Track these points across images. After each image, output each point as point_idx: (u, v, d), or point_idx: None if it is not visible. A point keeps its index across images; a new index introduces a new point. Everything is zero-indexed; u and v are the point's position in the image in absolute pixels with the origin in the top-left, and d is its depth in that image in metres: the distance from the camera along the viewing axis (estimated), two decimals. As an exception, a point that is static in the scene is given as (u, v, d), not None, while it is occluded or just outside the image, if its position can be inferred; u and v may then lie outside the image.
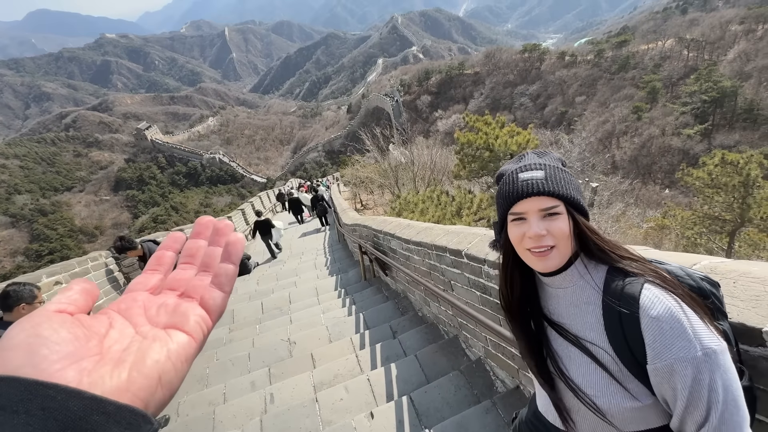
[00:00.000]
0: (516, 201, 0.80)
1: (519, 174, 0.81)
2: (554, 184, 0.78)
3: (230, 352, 4.02)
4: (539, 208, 0.78)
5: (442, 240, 2.79)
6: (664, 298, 0.69)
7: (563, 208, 0.78)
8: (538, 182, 0.78)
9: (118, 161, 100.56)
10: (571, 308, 0.82)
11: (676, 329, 0.66)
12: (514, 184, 0.81)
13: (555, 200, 0.77)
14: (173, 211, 79.22)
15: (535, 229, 0.77)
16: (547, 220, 0.78)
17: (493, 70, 79.62)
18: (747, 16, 55.55)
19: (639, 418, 0.74)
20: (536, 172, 0.80)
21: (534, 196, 0.78)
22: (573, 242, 0.79)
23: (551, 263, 0.79)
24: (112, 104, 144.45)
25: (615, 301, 0.74)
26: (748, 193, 7.34)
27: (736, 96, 42.32)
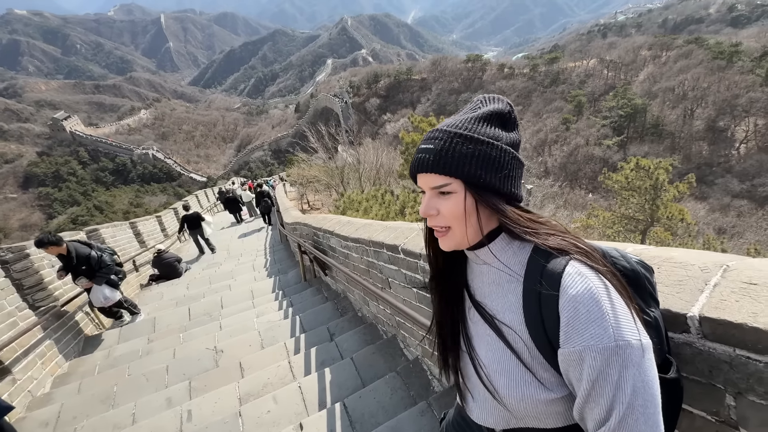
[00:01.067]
0: (414, 175, 0.74)
1: (419, 145, 0.73)
2: (446, 160, 0.68)
3: (146, 366, 3.56)
4: (430, 186, 0.71)
5: (379, 236, 2.67)
6: (588, 277, 0.62)
7: (459, 185, 0.69)
8: (426, 159, 0.70)
9: (29, 154, 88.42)
10: (493, 287, 0.76)
11: (593, 313, 0.59)
12: (416, 153, 0.74)
13: (446, 178, 0.69)
14: (97, 211, 71.35)
15: (422, 208, 0.73)
16: (440, 199, 0.71)
17: (440, 77, 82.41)
18: (654, 43, 63.34)
19: (552, 413, 0.69)
20: (431, 143, 0.71)
21: (425, 173, 0.71)
22: (479, 221, 0.71)
23: (447, 243, 0.74)
24: (22, 90, 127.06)
25: (536, 279, 0.67)
26: (657, 195, 8.30)
27: (646, 113, 47.94)
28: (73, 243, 4.46)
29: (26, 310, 3.91)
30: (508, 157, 0.70)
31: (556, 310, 0.63)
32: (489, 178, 0.69)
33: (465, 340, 0.82)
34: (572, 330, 0.60)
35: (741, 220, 31.73)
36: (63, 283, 4.83)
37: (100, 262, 4.51)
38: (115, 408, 2.98)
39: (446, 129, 0.71)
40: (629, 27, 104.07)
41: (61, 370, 3.96)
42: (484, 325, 0.76)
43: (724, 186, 37.05)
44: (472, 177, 0.68)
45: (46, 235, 4.24)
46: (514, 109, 0.74)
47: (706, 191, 36.19)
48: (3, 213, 73.21)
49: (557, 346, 0.64)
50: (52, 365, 3.91)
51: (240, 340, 3.72)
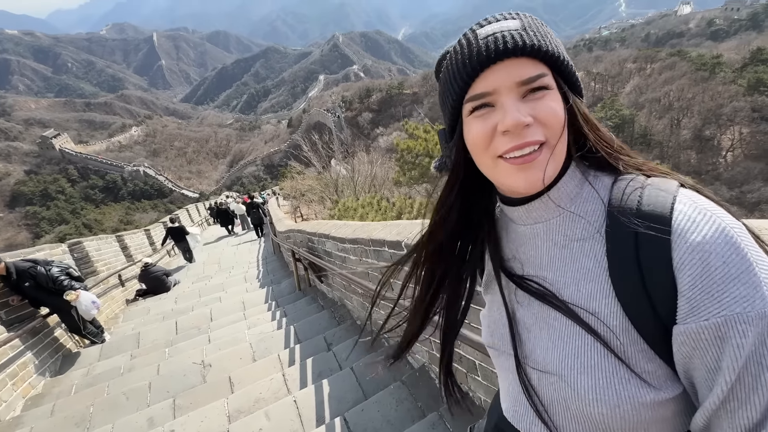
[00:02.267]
0: (477, 72, 0.49)
1: (479, 30, 0.50)
2: (538, 35, 0.48)
3: (127, 384, 3.28)
4: (517, 80, 0.48)
5: (379, 234, 2.49)
6: (713, 209, 0.44)
7: (551, 79, 0.49)
8: (513, 33, 0.48)
9: (17, 173, 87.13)
10: (555, 251, 0.54)
11: (733, 265, 0.40)
12: (470, 45, 0.50)
13: (541, 65, 0.49)
14: (86, 229, 70.05)
15: (513, 115, 0.47)
16: (530, 101, 0.48)
17: (431, 91, 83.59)
18: (638, 56, 65.16)
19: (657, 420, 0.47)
20: (507, 21, 0.50)
21: (508, 59, 0.47)
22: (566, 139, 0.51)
23: (541, 173, 0.49)
24: (11, 108, 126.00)
25: (629, 225, 0.46)
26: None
27: (634, 123, 48.92)
28: (18, 262, 4.10)
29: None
30: None
31: (668, 266, 0.43)
32: (574, 68, 0.52)
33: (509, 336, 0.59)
34: (702, 294, 0.41)
35: (732, 226, 32.19)
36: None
37: (48, 277, 4.09)
38: (90, 431, 2.69)
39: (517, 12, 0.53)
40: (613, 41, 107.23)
41: (34, 391, 3.65)
42: (545, 308, 0.54)
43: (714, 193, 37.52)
44: (565, 65, 0.50)
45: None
46: None
47: (696, 198, 36.75)
48: (-12, 233, 71.61)
49: (671, 322, 0.44)
50: (25, 386, 3.60)
51: (230, 352, 3.46)
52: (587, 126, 0.51)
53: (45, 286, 4.08)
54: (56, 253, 5.41)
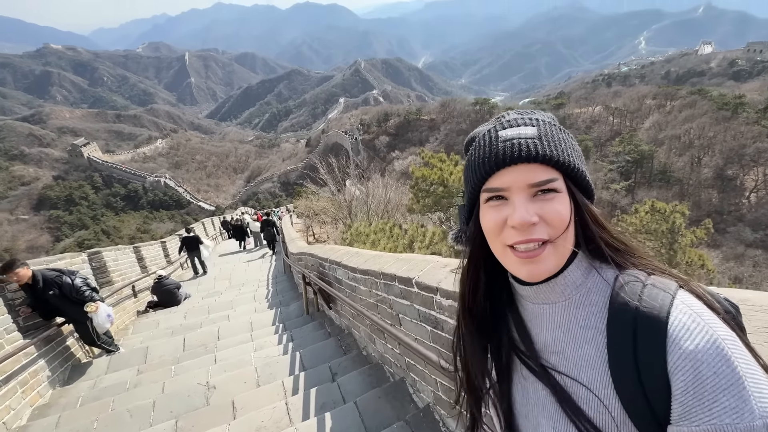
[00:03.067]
0: (494, 170, 0.54)
1: (500, 132, 0.56)
2: (552, 144, 0.53)
3: (132, 400, 3.30)
4: (529, 183, 0.53)
5: (391, 268, 2.51)
6: (709, 323, 0.46)
7: (562, 183, 0.54)
8: (528, 142, 0.53)
9: (45, 178, 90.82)
10: (561, 333, 0.57)
11: (723, 376, 0.43)
12: (491, 145, 0.55)
13: (552, 170, 0.53)
14: (104, 235, 71.84)
15: (521, 214, 0.52)
16: (538, 201, 0.53)
17: (448, 118, 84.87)
18: (658, 93, 65.20)
19: None
20: (526, 128, 0.55)
21: (522, 163, 0.53)
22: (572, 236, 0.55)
23: (543, 267, 0.54)
24: (47, 117, 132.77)
25: (628, 322, 0.49)
26: (674, 239, 8.04)
27: (653, 159, 48.39)
28: (43, 271, 4.19)
29: (14, 332, 3.73)
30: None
31: (662, 369, 0.45)
32: (587, 175, 0.56)
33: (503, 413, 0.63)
34: (694, 400, 0.43)
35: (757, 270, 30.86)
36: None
37: (72, 287, 4.19)
38: (92, 447, 2.71)
39: (536, 118, 0.57)
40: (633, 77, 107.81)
41: (42, 400, 3.70)
42: (544, 389, 0.57)
43: (736, 234, 36.47)
44: (575, 171, 0.54)
45: (17, 260, 4.01)
46: None
47: (719, 239, 35.57)
48: (12, 234, 74.02)
49: (666, 421, 0.46)
50: (33, 395, 3.65)
51: (235, 375, 3.46)
52: (595, 226, 0.55)
53: (68, 296, 4.17)
54: (76, 263, 5.57)
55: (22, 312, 4.06)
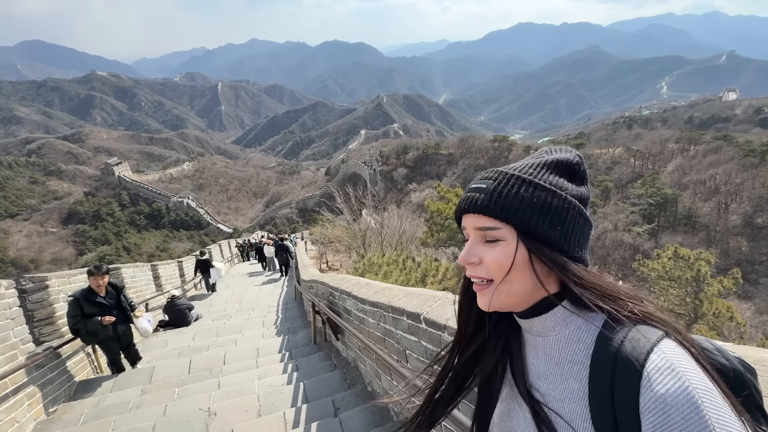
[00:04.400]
0: (460, 214, 0.65)
1: (471, 183, 0.65)
2: (498, 201, 0.59)
3: (133, 421, 3.27)
4: (476, 227, 0.62)
5: (400, 301, 2.49)
6: (684, 371, 0.47)
7: (510, 233, 0.59)
8: (476, 197, 0.61)
9: (77, 193, 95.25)
10: (551, 366, 0.61)
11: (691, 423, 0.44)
12: (466, 191, 0.65)
13: (494, 221, 0.59)
14: (125, 251, 73.73)
15: (463, 253, 0.63)
16: (486, 246, 0.61)
17: (466, 153, 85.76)
18: (681, 137, 64.54)
19: None
20: (484, 182, 0.62)
21: (472, 213, 0.62)
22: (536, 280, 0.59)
23: (483, 300, 0.62)
24: (86, 137, 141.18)
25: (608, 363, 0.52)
26: (699, 288, 7.65)
27: (677, 203, 47.17)
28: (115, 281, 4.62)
29: (29, 343, 3.81)
30: (573, 210, 0.60)
31: (635, 409, 0.48)
32: (546, 229, 0.59)
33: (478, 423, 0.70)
34: None
35: (794, 325, 28.85)
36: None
37: (125, 296, 4.58)
38: (88, 468, 2.67)
39: (503, 170, 0.63)
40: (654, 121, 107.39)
41: (46, 415, 3.70)
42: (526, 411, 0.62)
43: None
44: (526, 224, 0.58)
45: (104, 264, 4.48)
46: (584, 162, 0.65)
47: (750, 290, 33.69)
48: (40, 245, 76.91)
49: None
50: (38, 408, 3.67)
51: (237, 403, 3.41)
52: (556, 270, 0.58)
53: (121, 304, 4.47)
54: (96, 277, 5.72)
55: (105, 321, 4.24)
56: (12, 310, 3.63)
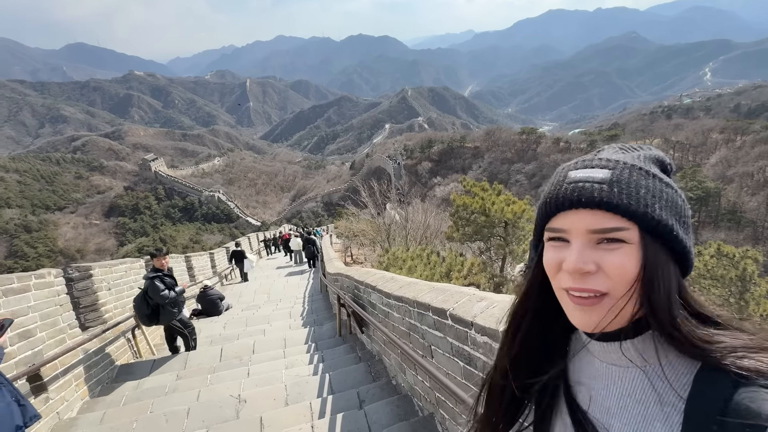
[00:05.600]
0: (556, 211, 0.52)
1: (570, 172, 0.53)
2: (625, 191, 0.48)
3: (169, 405, 3.45)
4: (590, 228, 0.49)
5: (425, 297, 2.48)
6: None
7: (634, 234, 0.48)
8: (594, 187, 0.49)
9: (118, 188, 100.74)
10: (629, 402, 0.51)
11: None
12: (559, 185, 0.53)
13: (621, 219, 0.48)
14: (161, 243, 77.46)
15: (574, 260, 0.49)
16: (600, 249, 0.49)
17: (492, 147, 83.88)
18: (726, 127, 60.34)
19: None
20: (598, 171, 0.50)
21: (584, 208, 0.49)
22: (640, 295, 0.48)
23: (596, 318, 0.50)
24: (125, 134, 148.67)
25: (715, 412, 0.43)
26: (745, 288, 7.14)
27: (720, 197, 44.30)
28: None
29: (76, 328, 4.07)
30: (688, 211, 0.52)
31: None
32: (677, 229, 0.49)
33: None
34: None
35: None
36: (114, 307, 5.04)
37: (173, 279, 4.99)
38: (129, 447, 2.84)
39: (614, 158, 0.52)
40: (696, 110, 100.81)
41: (91, 395, 3.96)
42: None
43: None
44: (658, 224, 0.48)
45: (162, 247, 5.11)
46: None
47: (802, 291, 31.29)
48: (85, 237, 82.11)
49: None
50: (85, 389, 3.93)
51: (265, 391, 3.52)
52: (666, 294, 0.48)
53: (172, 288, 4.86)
54: (135, 267, 6.03)
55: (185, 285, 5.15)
56: (60, 297, 3.88)
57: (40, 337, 3.44)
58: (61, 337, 3.79)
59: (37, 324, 3.47)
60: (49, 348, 3.53)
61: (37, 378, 3.28)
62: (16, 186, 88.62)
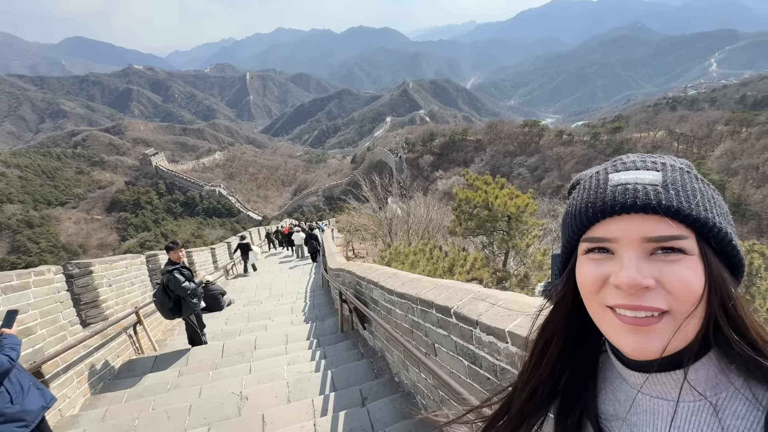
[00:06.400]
0: (599, 218, 0.45)
1: (611, 175, 0.46)
2: (682, 194, 0.43)
3: (171, 401, 3.43)
4: (645, 236, 0.42)
5: (429, 294, 2.43)
6: None
7: (694, 244, 0.42)
8: (648, 189, 0.43)
9: (119, 183, 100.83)
10: None
11: None
12: (598, 189, 0.46)
13: (680, 226, 0.42)
14: (163, 237, 77.70)
15: (630, 273, 0.42)
16: (656, 261, 0.42)
17: (495, 140, 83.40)
18: (731, 119, 59.69)
19: None
20: (647, 173, 0.44)
21: (638, 213, 0.42)
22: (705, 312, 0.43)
23: (656, 343, 0.42)
24: (125, 128, 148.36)
25: None
26: (752, 282, 7.08)
27: (724, 189, 44.03)
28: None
29: (77, 325, 4.05)
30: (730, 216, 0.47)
31: None
32: (734, 238, 0.44)
33: None
34: None
35: None
36: (115, 303, 5.02)
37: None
38: (131, 445, 2.82)
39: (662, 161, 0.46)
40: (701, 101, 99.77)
41: (92, 392, 3.95)
42: None
43: None
44: (719, 232, 0.43)
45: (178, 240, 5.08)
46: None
47: (805, 284, 31.22)
48: (87, 232, 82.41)
49: None
50: (86, 386, 3.92)
51: (267, 388, 3.49)
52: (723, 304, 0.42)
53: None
54: (135, 263, 6.01)
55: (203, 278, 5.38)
56: (60, 294, 3.86)
57: (40, 334, 3.42)
58: (62, 334, 3.77)
59: (38, 321, 3.45)
60: (49, 345, 3.51)
61: (39, 375, 3.26)
62: (18, 181, 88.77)
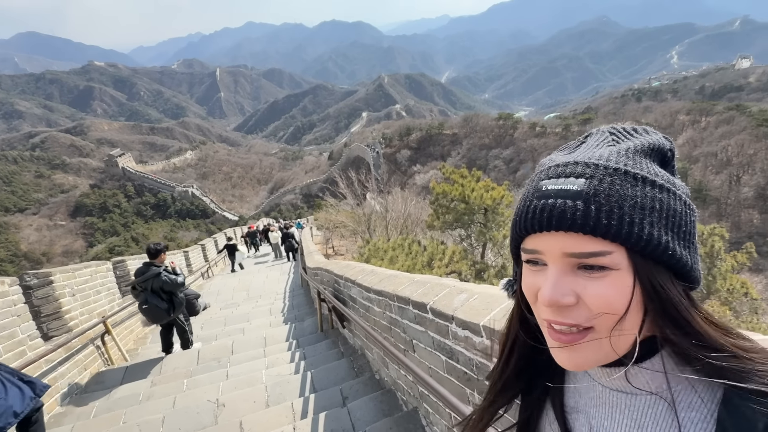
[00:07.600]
0: (524, 234, 0.45)
1: (542, 182, 0.44)
2: (605, 208, 0.40)
3: (143, 414, 3.28)
4: (565, 251, 0.41)
5: (406, 290, 2.41)
6: None
7: (622, 257, 0.40)
8: (567, 205, 0.41)
9: (83, 186, 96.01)
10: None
11: None
12: (530, 198, 0.45)
13: (602, 242, 0.40)
14: (133, 242, 74.77)
15: (548, 292, 0.42)
16: (581, 277, 0.42)
17: (470, 133, 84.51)
18: (692, 109, 62.81)
19: None
20: (573, 181, 0.42)
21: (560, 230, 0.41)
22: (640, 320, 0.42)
23: (581, 359, 0.43)
24: (88, 129, 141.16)
25: None
26: (713, 264, 7.49)
27: (687, 176, 46.36)
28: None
29: (37, 339, 3.81)
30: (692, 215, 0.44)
31: None
32: (673, 246, 0.41)
33: None
34: None
35: (804, 297, 28.68)
36: (80, 314, 4.77)
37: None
38: (99, 463, 2.68)
39: (595, 162, 0.42)
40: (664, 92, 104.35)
41: (58, 409, 3.74)
42: None
43: None
44: (648, 244, 0.40)
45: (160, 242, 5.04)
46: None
47: (762, 263, 33.34)
48: (50, 239, 78.19)
49: None
50: (51, 402, 3.70)
51: (245, 393, 3.40)
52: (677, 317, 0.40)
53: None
54: (101, 271, 5.72)
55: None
56: (17, 307, 3.61)
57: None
58: (21, 349, 3.54)
59: (-9, 338, 3.21)
60: (7, 362, 3.28)
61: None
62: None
